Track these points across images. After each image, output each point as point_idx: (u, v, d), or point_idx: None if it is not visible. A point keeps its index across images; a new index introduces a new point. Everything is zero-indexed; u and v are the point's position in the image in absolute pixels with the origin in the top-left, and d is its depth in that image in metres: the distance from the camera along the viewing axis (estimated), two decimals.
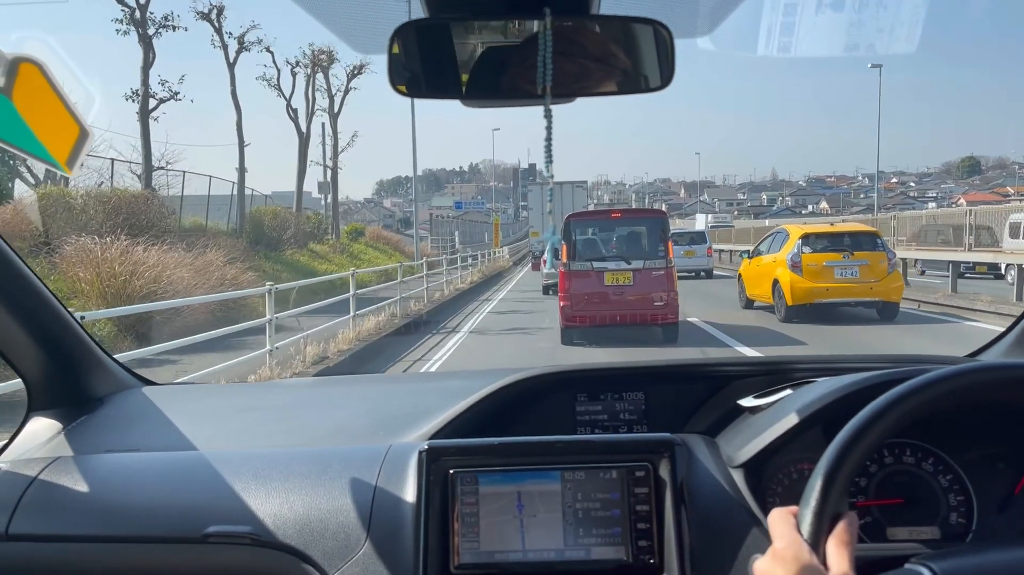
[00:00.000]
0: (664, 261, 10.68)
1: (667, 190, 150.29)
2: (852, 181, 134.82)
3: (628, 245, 11.19)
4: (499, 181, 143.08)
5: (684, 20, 1.36)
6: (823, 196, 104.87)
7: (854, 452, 0.90)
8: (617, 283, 10.60)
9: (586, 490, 1.23)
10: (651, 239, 11.07)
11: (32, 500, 1.36)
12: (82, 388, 1.72)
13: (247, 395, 2.07)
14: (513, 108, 1.27)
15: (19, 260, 1.49)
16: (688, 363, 1.67)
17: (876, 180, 45.46)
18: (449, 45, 1.20)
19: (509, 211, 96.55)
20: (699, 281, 21.85)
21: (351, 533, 1.24)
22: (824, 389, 1.28)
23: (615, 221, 11.85)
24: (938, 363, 1.51)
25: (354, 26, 1.33)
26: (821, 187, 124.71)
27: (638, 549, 1.20)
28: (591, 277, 10.64)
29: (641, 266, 10.60)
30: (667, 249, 10.82)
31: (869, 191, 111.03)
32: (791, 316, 12.59)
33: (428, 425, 1.49)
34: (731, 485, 1.27)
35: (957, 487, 1.29)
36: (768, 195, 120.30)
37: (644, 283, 10.55)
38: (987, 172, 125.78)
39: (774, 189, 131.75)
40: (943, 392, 0.93)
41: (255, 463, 1.38)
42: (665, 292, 10.51)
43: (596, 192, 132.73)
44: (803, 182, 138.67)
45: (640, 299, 10.49)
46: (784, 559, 0.82)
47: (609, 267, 10.65)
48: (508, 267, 34.71)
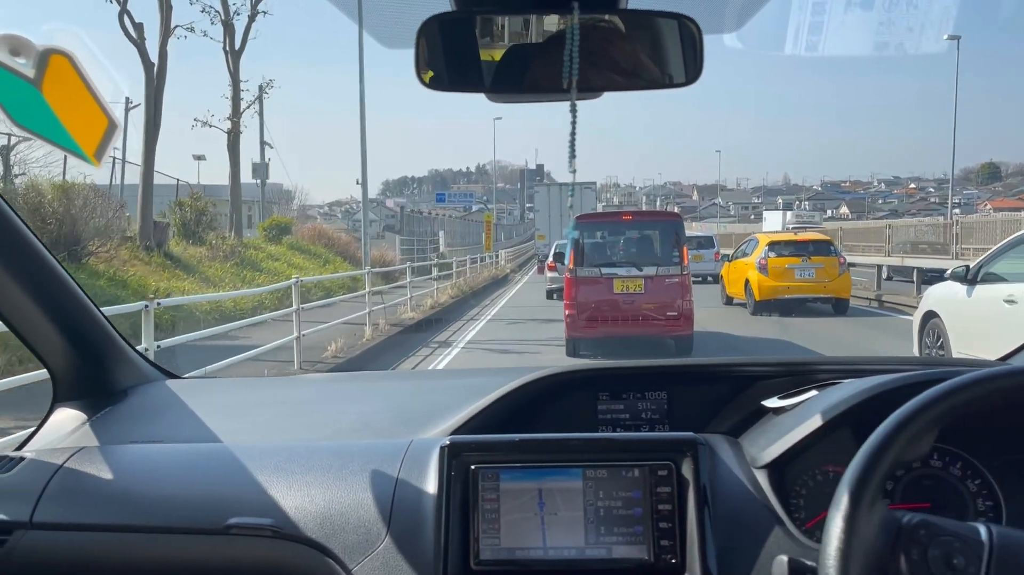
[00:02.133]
0: (679, 268, 9.88)
1: (679, 192, 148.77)
2: (867, 186, 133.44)
3: (640, 250, 10.39)
4: (506, 182, 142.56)
5: (712, 16, 1.35)
6: (843, 200, 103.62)
7: (885, 457, 0.88)
8: (627, 291, 9.80)
9: (608, 488, 1.23)
10: (665, 244, 10.27)
11: (56, 489, 1.37)
12: (106, 380, 1.74)
13: (269, 389, 2.08)
14: (521, 106, 1.27)
15: (47, 252, 1.51)
16: (712, 363, 1.66)
17: (952, 174, 35.61)
18: (475, 39, 1.19)
19: (515, 212, 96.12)
20: (706, 286, 21.64)
21: (372, 527, 1.24)
22: (850, 391, 1.26)
23: (626, 224, 10.99)
24: (966, 367, 1.48)
25: (381, 19, 1.33)
26: (838, 192, 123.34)
27: (660, 548, 1.19)
28: (599, 284, 9.86)
29: (653, 273, 9.79)
30: (682, 255, 10.01)
31: (887, 195, 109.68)
32: (759, 310, 14.93)
33: (450, 421, 1.49)
34: (754, 485, 1.25)
35: (986, 492, 1.27)
36: (784, 199, 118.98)
37: (657, 291, 9.74)
38: (1007, 178, 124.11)
39: (788, 193, 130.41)
40: (973, 396, 0.91)
41: (277, 456, 1.39)
42: (679, 301, 9.71)
43: (605, 194, 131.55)
44: (818, 186, 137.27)
45: (652, 308, 9.71)
46: None
47: (619, 273, 9.88)
48: (505, 275, 29.98)
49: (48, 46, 1.17)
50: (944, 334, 8.08)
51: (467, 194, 42.17)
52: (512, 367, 1.92)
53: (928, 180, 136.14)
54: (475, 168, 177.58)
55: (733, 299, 16.76)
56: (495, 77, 1.21)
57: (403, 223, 35.28)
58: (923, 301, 8.86)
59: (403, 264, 19.16)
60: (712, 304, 16.41)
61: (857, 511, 0.84)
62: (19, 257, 1.46)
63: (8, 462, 1.44)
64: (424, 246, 34.18)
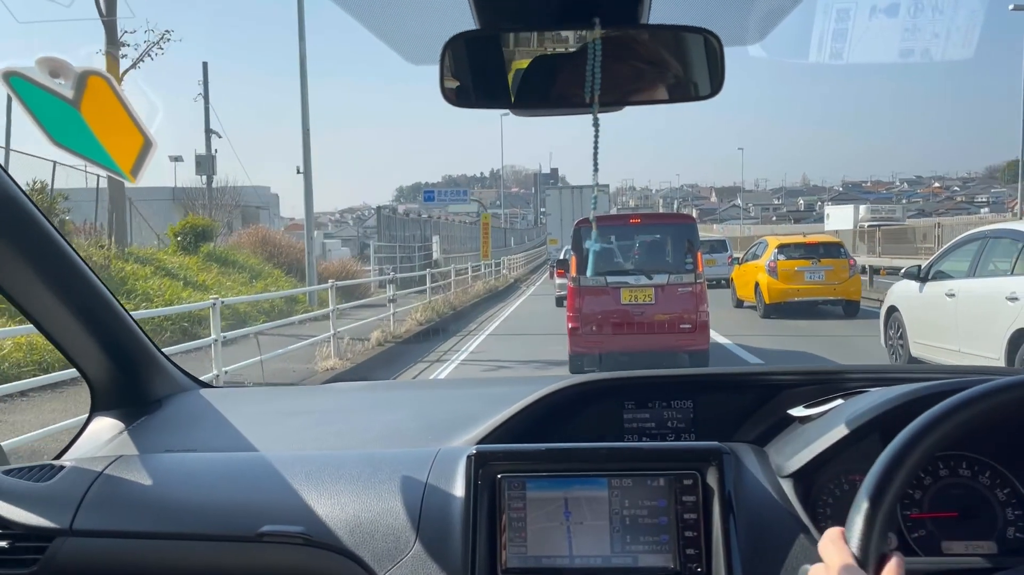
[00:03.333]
0: (692, 275, 9.01)
1: (696, 194, 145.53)
2: (889, 186, 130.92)
3: (649, 256, 9.57)
4: (520, 186, 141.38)
5: (734, 28, 1.36)
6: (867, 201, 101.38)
7: (904, 465, 0.88)
8: (636, 301, 8.95)
9: (633, 497, 1.23)
10: (676, 249, 9.38)
11: (95, 497, 1.41)
12: (142, 390, 1.78)
13: (300, 398, 2.11)
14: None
15: (83, 263, 1.55)
16: (737, 372, 1.66)
17: (1021, 170, 27.45)
18: (499, 55, 1.22)
19: (528, 217, 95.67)
20: (719, 290, 21.38)
21: (400, 535, 1.26)
22: (876, 399, 1.26)
23: (634, 228, 10.01)
24: (995, 374, 1.47)
25: (406, 37, 1.35)
26: (860, 192, 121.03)
27: (685, 557, 1.20)
28: (605, 294, 9.01)
29: (665, 281, 8.94)
30: (696, 261, 9.14)
31: (910, 195, 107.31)
32: (769, 313, 15.01)
33: (476, 430, 1.50)
34: (780, 495, 1.25)
35: (1015, 501, 1.26)
36: (805, 200, 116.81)
37: (668, 302, 8.92)
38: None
39: (808, 194, 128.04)
40: (997, 404, 0.91)
41: (307, 465, 1.41)
42: (693, 313, 8.87)
43: (620, 198, 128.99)
44: (839, 187, 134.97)
45: (663, 321, 8.87)
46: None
47: (627, 282, 9.01)
48: (509, 284, 26.69)
49: (87, 68, 1.21)
50: (903, 326, 9.16)
51: (461, 191, 34.76)
52: (538, 376, 1.93)
53: (952, 179, 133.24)
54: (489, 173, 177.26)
55: (743, 302, 16.81)
56: (519, 93, 1.23)
57: (381, 227, 28.28)
58: (887, 297, 9.85)
59: (377, 277, 16.68)
60: (722, 307, 16.12)
61: (877, 516, 0.84)
62: (57, 269, 1.50)
63: (49, 470, 1.48)
64: (412, 253, 29.61)
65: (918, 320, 8.81)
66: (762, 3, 1.35)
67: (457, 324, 15.54)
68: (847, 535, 0.85)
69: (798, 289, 14.80)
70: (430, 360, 11.37)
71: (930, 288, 8.58)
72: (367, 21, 1.33)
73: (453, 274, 20.55)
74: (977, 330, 7.55)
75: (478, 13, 1.17)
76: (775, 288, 14.86)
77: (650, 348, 9.02)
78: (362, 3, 1.27)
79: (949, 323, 8.07)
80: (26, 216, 1.41)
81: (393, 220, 29.43)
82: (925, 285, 8.68)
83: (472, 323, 16.06)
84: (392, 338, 12.30)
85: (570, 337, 9.14)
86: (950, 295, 8.06)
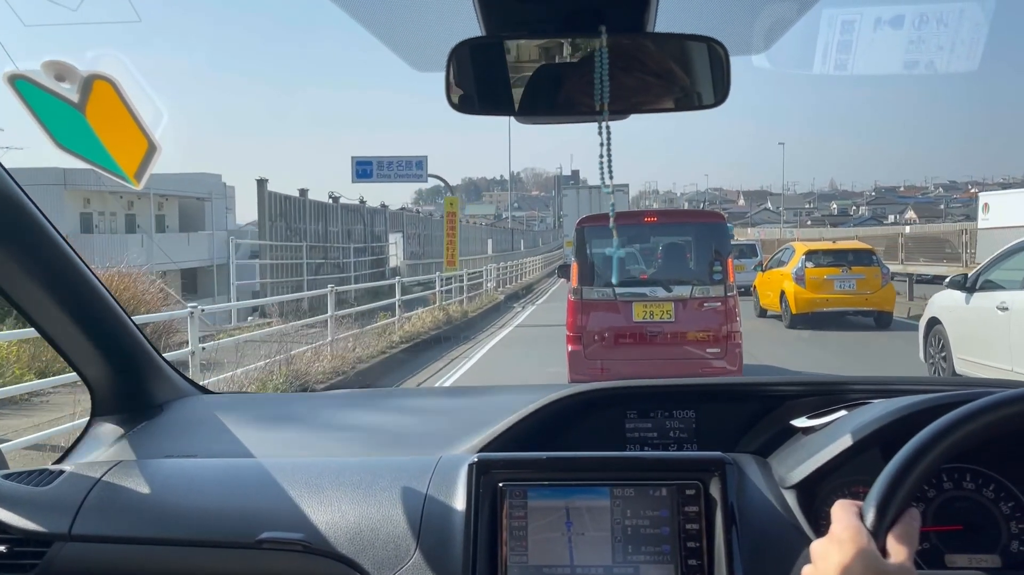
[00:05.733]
0: (722, 287, 7.35)
1: (724, 198, 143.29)
2: (924, 190, 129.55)
3: (669, 263, 7.93)
4: (540, 189, 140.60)
5: (739, 38, 1.36)
6: (907, 205, 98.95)
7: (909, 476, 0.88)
8: (652, 319, 7.32)
9: (635, 507, 1.23)
10: (701, 254, 7.71)
11: (95, 502, 1.40)
12: (143, 395, 1.77)
13: (301, 405, 2.11)
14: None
15: (87, 268, 1.55)
16: (740, 382, 1.65)
17: None
18: (505, 63, 1.22)
19: (547, 220, 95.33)
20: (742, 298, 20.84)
21: (401, 543, 1.25)
22: (880, 411, 1.25)
23: (650, 228, 8.24)
24: (999, 387, 1.47)
25: (412, 44, 1.36)
26: (896, 196, 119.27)
27: (687, 568, 1.19)
28: (613, 310, 7.43)
29: (687, 294, 7.32)
30: (726, 269, 7.45)
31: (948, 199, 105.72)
32: (795, 323, 14.13)
33: (478, 438, 1.50)
34: (783, 506, 1.25)
35: (1019, 515, 1.26)
36: (838, 204, 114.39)
37: (692, 319, 7.31)
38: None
39: (841, 198, 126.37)
40: (1003, 416, 0.91)
41: (308, 472, 1.41)
42: (723, 333, 7.25)
43: (643, 202, 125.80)
44: (872, 191, 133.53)
45: (685, 343, 7.26)
46: (841, 542, 0.81)
47: (641, 295, 7.43)
48: (479, 312, 17.52)
49: (92, 71, 1.21)
50: (946, 340, 8.35)
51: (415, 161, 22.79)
52: (540, 385, 1.93)
53: (991, 184, 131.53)
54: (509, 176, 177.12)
55: (767, 311, 15.95)
56: (524, 100, 1.24)
57: (267, 216, 18.13)
58: (927, 308, 9.10)
59: (224, 305, 11.43)
60: (745, 317, 15.45)
61: (881, 528, 0.84)
62: (59, 272, 1.50)
63: (48, 475, 1.48)
64: (343, 260, 21.65)
65: (963, 334, 8.03)
66: (767, 14, 1.35)
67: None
68: (863, 512, 0.84)
69: (827, 299, 13.86)
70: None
71: (978, 299, 7.79)
72: (374, 28, 1.33)
73: (399, 291, 13.93)
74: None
75: (484, 20, 1.17)
76: (802, 297, 13.96)
77: (668, 376, 7.40)
78: (369, 10, 1.27)
79: (1000, 338, 7.28)
80: (29, 219, 1.41)
81: (295, 205, 19.57)
82: (972, 296, 7.90)
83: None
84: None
85: (569, 362, 7.51)
86: (1002, 308, 7.29)
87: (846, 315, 14.28)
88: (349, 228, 23.06)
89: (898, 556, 0.80)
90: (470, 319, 16.42)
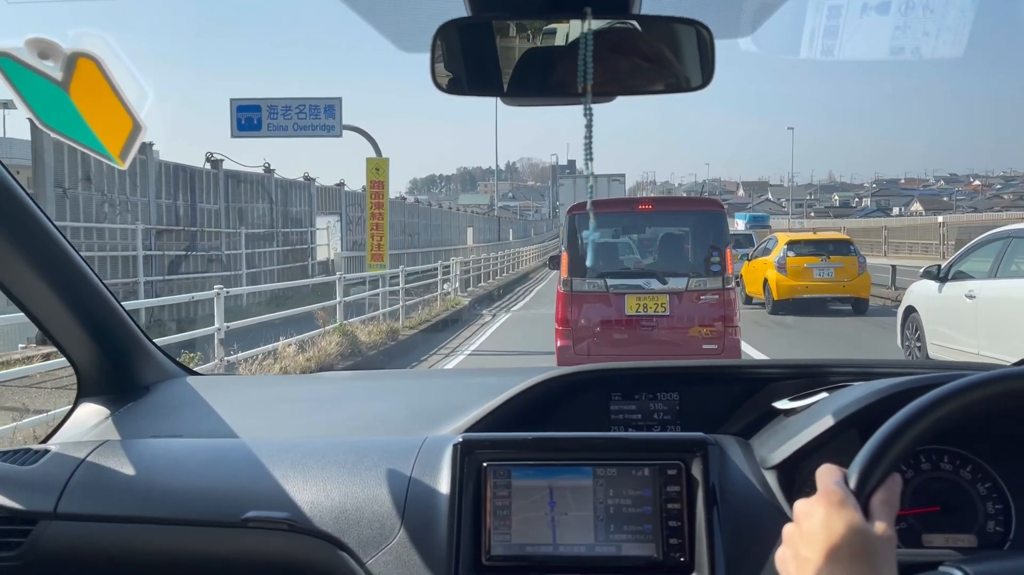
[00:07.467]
0: (720, 279, 7.05)
1: (723, 189, 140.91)
2: (925, 183, 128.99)
3: (664, 253, 7.59)
4: (536, 179, 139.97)
5: (725, 21, 1.37)
6: (912, 197, 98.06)
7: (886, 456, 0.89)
8: (645, 312, 7.02)
9: (618, 487, 1.24)
10: (699, 244, 7.38)
11: (80, 481, 1.40)
12: (129, 376, 1.77)
13: (288, 386, 2.11)
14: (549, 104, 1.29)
15: (72, 249, 1.55)
16: (723, 365, 1.67)
17: None
18: (491, 44, 1.22)
19: (543, 210, 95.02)
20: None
21: (386, 522, 1.26)
22: (860, 392, 1.27)
23: (644, 216, 7.91)
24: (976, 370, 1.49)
25: (396, 23, 1.35)
26: (897, 188, 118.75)
27: (669, 547, 1.21)
28: (605, 303, 7.13)
29: (683, 287, 6.99)
30: (724, 260, 7.12)
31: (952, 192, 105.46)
32: (777, 309, 15.00)
33: (464, 419, 1.51)
34: (764, 486, 1.27)
35: (996, 495, 1.28)
36: (840, 196, 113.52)
37: (688, 313, 6.99)
38: None
39: (841, 190, 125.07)
40: (979, 397, 0.92)
41: (294, 452, 1.41)
42: (721, 328, 6.97)
43: (640, 192, 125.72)
44: (872, 183, 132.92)
45: (681, 339, 6.97)
46: (827, 502, 0.83)
47: (635, 287, 7.13)
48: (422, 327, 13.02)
49: (76, 49, 1.20)
50: (921, 327, 8.91)
51: (315, 106, 13.67)
52: (526, 367, 1.94)
53: (994, 177, 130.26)
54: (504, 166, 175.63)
55: (752, 299, 16.70)
56: (511, 82, 1.24)
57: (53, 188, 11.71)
58: (904, 297, 9.67)
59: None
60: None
61: (864, 491, 0.85)
62: (47, 254, 1.50)
63: (33, 454, 1.48)
64: (228, 252, 15.79)
65: (936, 321, 8.57)
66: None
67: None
68: (847, 476, 0.86)
69: (807, 286, 14.81)
70: None
71: (949, 289, 8.32)
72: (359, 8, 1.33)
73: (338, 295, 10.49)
74: (997, 332, 7.28)
75: (470, 1, 1.17)
76: (784, 284, 14.88)
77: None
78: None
79: (968, 325, 7.78)
80: (14, 200, 1.40)
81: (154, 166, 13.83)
82: (944, 285, 8.41)
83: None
84: None
85: (558, 358, 7.15)
86: (970, 296, 7.79)
87: (825, 302, 15.15)
88: (242, 206, 16.68)
89: (880, 518, 0.82)
90: (401, 341, 11.66)
